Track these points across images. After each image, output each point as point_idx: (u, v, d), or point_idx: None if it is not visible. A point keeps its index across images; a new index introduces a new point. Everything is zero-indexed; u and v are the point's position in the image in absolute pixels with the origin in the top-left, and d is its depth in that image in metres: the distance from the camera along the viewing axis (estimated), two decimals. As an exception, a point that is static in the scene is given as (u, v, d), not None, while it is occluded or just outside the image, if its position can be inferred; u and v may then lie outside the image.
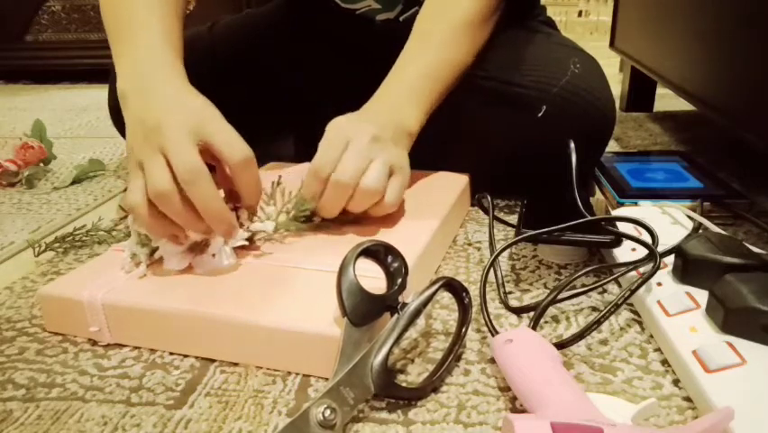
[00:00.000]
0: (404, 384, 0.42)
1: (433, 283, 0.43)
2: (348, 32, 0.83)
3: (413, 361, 0.44)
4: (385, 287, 0.44)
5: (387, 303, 0.42)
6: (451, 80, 0.65)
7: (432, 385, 0.41)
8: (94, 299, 0.47)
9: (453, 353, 0.43)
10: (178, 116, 0.49)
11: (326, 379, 0.42)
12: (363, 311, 0.40)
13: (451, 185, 0.68)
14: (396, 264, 0.44)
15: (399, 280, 0.43)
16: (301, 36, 0.88)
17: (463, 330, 0.44)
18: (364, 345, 0.40)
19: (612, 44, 1.27)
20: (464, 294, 0.45)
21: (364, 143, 0.54)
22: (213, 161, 0.52)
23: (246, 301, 0.46)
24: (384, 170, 0.54)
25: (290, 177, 0.61)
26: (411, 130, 0.60)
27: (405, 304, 0.42)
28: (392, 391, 0.40)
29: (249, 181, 0.51)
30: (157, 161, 0.47)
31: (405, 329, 0.40)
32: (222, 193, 0.53)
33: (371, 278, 0.44)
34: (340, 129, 0.56)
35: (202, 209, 0.48)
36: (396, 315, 0.41)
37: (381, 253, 0.44)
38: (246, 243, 0.53)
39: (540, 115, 0.68)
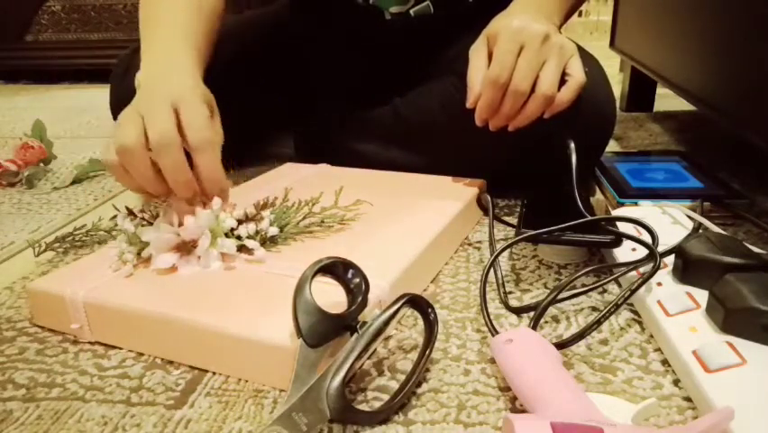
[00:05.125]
0: (366, 407, 0.39)
1: (396, 301, 0.41)
2: (358, 28, 0.83)
3: (381, 374, 0.44)
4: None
5: (345, 322, 0.40)
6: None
7: (392, 409, 0.39)
8: (76, 296, 0.47)
9: (417, 374, 0.41)
10: (165, 88, 0.53)
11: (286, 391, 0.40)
12: (320, 331, 0.38)
13: (464, 190, 0.67)
14: (356, 281, 0.42)
15: (360, 298, 0.41)
16: (310, 34, 0.88)
17: (428, 351, 0.42)
18: (321, 366, 0.38)
19: (612, 44, 1.27)
20: (429, 310, 0.43)
21: (537, 46, 0.57)
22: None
23: (214, 306, 0.45)
24: (558, 71, 0.58)
25: (307, 180, 0.61)
26: (558, 24, 0.64)
27: (365, 323, 0.40)
28: (350, 416, 0.37)
29: (205, 165, 0.51)
30: (132, 121, 0.51)
31: (364, 350, 0.38)
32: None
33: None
34: (513, 33, 0.58)
35: (168, 176, 0.50)
36: (355, 334, 0.39)
37: (340, 270, 0.42)
38: (235, 250, 0.51)
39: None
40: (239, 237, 0.52)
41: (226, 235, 0.52)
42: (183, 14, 0.63)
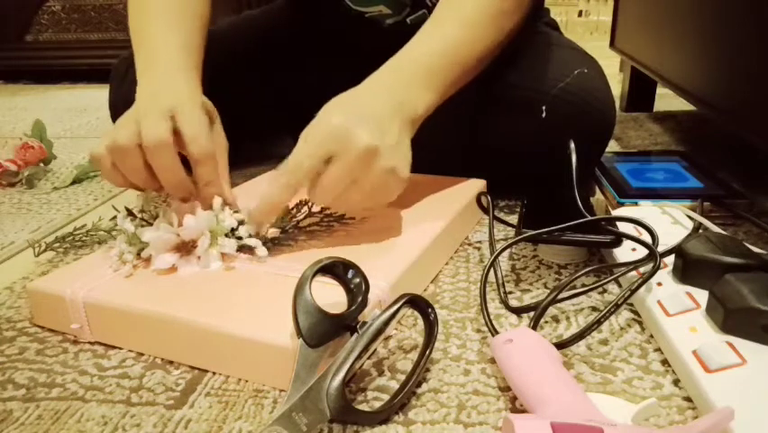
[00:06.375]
0: (366, 407, 0.39)
1: (396, 301, 0.41)
2: (355, 33, 0.83)
3: (381, 374, 0.44)
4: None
5: (345, 322, 0.40)
6: (470, 66, 0.58)
7: (393, 409, 0.39)
8: (76, 296, 0.47)
9: (417, 374, 0.41)
10: (162, 98, 0.54)
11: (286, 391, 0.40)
12: (320, 332, 0.38)
13: (464, 190, 0.67)
14: (356, 281, 0.42)
15: (360, 298, 0.41)
16: (307, 37, 0.88)
17: (428, 351, 0.42)
18: (321, 366, 0.38)
19: (612, 44, 1.27)
20: (429, 310, 0.43)
21: (353, 162, 0.47)
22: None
23: (214, 306, 0.45)
24: (363, 198, 0.49)
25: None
26: (417, 114, 0.54)
27: (365, 323, 0.40)
28: (350, 416, 0.37)
29: (204, 177, 0.53)
30: (127, 124, 0.52)
31: (365, 350, 0.38)
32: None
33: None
34: (327, 133, 0.48)
35: (160, 176, 0.52)
36: (355, 335, 0.39)
37: (340, 270, 0.42)
38: (235, 250, 0.51)
39: (543, 116, 0.68)
40: (239, 238, 0.52)
41: (226, 236, 0.52)
42: (178, 30, 0.62)
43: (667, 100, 1.29)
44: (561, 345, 0.42)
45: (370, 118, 0.49)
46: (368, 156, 0.47)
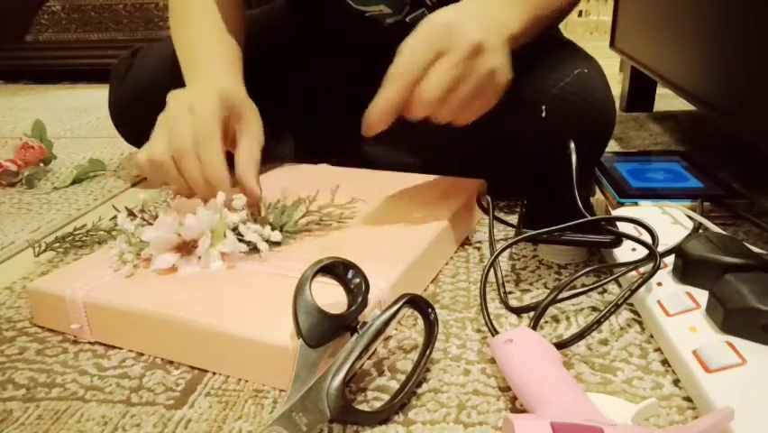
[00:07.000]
0: (366, 407, 0.39)
1: (396, 301, 0.41)
2: (355, 32, 0.83)
3: (381, 374, 0.44)
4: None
5: (346, 323, 0.40)
6: (554, 6, 0.60)
7: (393, 409, 0.39)
8: (76, 296, 0.47)
9: (417, 374, 0.41)
10: (184, 96, 0.57)
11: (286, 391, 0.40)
12: (320, 332, 0.39)
13: (464, 190, 0.66)
14: (356, 281, 0.42)
15: (360, 299, 0.41)
16: (307, 37, 0.88)
17: (428, 351, 0.42)
18: (321, 366, 0.38)
19: (612, 44, 1.27)
20: (429, 310, 0.43)
21: (461, 57, 0.48)
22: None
23: (214, 306, 0.45)
24: (474, 95, 0.50)
25: (307, 179, 0.61)
26: (513, 31, 0.53)
27: (365, 323, 0.40)
28: (350, 416, 0.38)
29: (203, 160, 0.55)
30: (160, 133, 0.55)
31: (365, 350, 0.38)
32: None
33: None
34: (436, 31, 0.49)
35: (186, 179, 0.54)
36: (355, 335, 0.39)
37: (340, 270, 0.42)
38: (237, 248, 0.51)
39: (543, 115, 0.68)
40: (241, 236, 0.52)
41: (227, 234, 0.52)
42: (223, 47, 0.68)
43: (667, 100, 1.29)
44: (561, 345, 0.42)
45: (475, 18, 0.50)
46: (475, 51, 0.48)
